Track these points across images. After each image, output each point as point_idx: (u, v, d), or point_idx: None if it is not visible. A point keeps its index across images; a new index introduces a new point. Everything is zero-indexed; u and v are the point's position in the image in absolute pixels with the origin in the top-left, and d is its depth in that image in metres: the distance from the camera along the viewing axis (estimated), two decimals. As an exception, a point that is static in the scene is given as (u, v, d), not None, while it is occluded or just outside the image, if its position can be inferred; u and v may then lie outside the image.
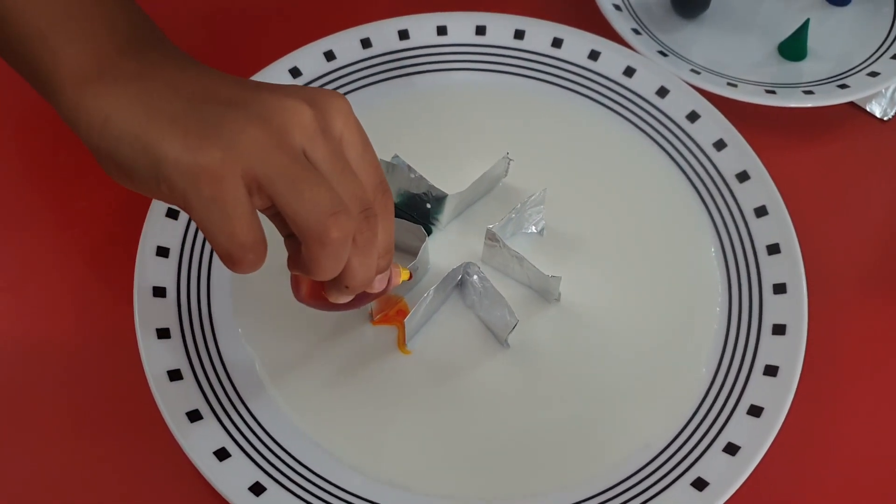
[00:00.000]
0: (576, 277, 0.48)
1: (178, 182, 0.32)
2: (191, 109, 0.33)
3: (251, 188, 0.32)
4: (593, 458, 0.44)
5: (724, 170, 0.52)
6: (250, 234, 0.33)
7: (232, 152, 0.32)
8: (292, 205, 0.32)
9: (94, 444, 0.45)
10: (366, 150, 0.36)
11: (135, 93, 0.33)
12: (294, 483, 0.42)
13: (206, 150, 0.31)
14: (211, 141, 0.32)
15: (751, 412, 0.44)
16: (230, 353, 0.46)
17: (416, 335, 0.47)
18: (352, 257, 0.35)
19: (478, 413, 0.45)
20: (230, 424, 0.44)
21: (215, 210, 0.32)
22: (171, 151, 0.32)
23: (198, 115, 0.33)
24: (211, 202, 0.32)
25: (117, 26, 0.36)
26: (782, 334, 0.46)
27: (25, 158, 0.54)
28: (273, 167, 0.32)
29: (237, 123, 0.32)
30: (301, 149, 0.33)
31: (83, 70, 0.34)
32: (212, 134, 0.32)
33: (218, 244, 0.33)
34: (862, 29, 0.61)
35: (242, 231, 0.32)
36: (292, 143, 0.33)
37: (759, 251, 0.49)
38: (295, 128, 0.33)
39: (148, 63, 0.35)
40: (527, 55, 0.56)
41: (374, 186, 0.36)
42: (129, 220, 0.50)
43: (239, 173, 0.32)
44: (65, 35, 0.35)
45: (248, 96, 0.34)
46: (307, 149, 0.33)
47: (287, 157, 0.32)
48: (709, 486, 0.42)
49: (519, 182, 0.52)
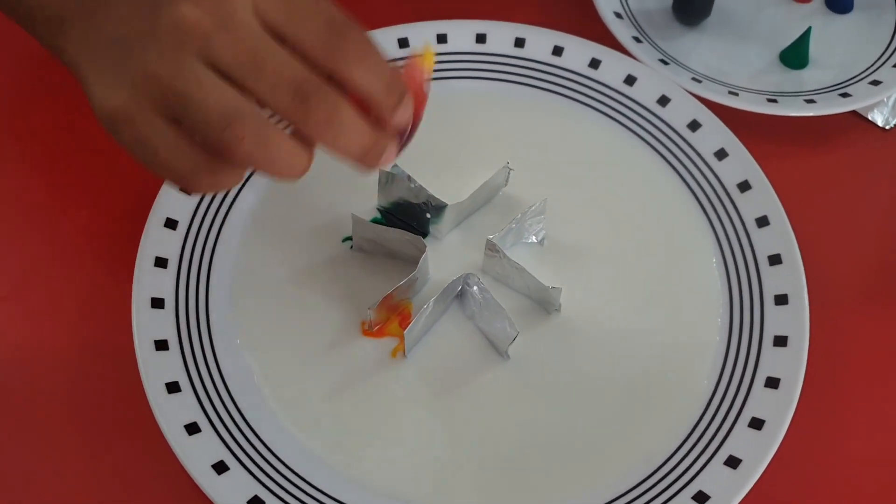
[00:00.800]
0: (576, 288, 0.48)
1: (109, 129, 0.32)
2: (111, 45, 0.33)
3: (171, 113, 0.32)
4: (593, 470, 0.44)
5: (726, 179, 0.52)
6: (183, 160, 0.32)
7: (136, 89, 0.32)
8: (199, 129, 0.32)
9: (92, 455, 0.45)
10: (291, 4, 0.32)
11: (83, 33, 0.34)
12: (293, 497, 0.42)
13: (114, 92, 0.32)
14: (120, 80, 0.32)
15: (752, 425, 0.44)
16: (228, 365, 0.46)
17: (415, 346, 0.47)
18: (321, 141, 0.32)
19: (478, 425, 0.45)
20: (228, 437, 0.43)
21: (140, 148, 0.32)
22: (95, 99, 0.32)
23: (113, 52, 0.33)
24: (134, 142, 0.32)
25: None
26: (784, 346, 0.46)
27: (26, 168, 0.54)
28: (170, 97, 0.31)
29: (137, 56, 0.32)
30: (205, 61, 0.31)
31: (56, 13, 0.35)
32: (121, 71, 0.32)
33: (164, 177, 0.33)
34: (864, 37, 0.60)
35: (172, 160, 0.32)
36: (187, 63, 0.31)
37: (761, 262, 0.49)
38: (186, 42, 0.31)
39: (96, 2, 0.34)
40: (527, 63, 0.56)
41: (322, 42, 0.32)
42: (128, 230, 0.50)
43: (148, 108, 0.32)
44: None
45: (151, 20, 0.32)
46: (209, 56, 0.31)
47: (178, 82, 0.31)
48: (710, 500, 0.42)
49: (519, 192, 0.52)
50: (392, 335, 0.47)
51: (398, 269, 0.48)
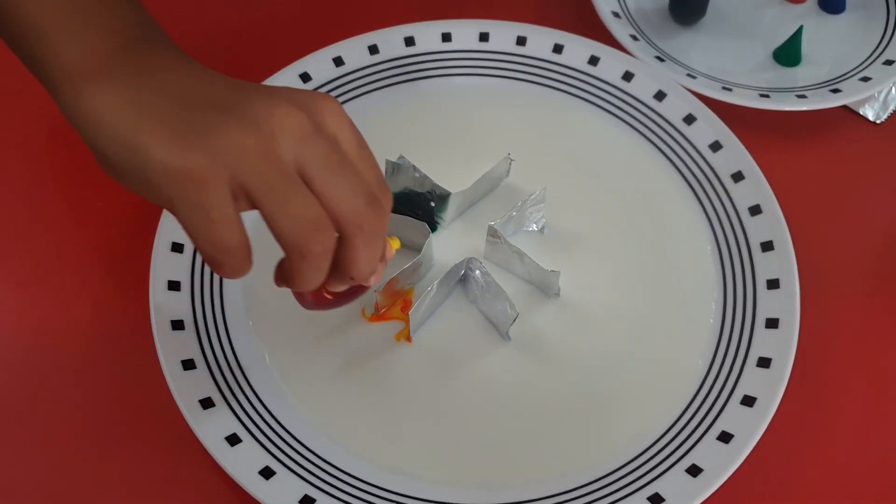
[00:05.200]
0: (575, 273, 0.50)
1: (164, 185, 0.32)
2: (181, 112, 0.33)
3: (237, 193, 0.32)
4: (591, 445, 0.46)
5: (720, 170, 0.53)
6: (232, 238, 0.33)
7: (218, 158, 0.32)
8: (275, 217, 0.33)
9: (109, 429, 0.47)
10: (362, 147, 0.36)
11: (127, 94, 0.34)
12: (302, 468, 0.44)
13: (191, 154, 0.32)
14: (198, 145, 0.32)
15: (744, 402, 0.45)
16: (241, 345, 0.48)
17: (420, 328, 0.49)
18: (359, 248, 0.35)
19: (479, 403, 0.47)
20: (241, 411, 0.45)
21: (198, 214, 0.32)
22: (157, 154, 0.32)
23: (187, 118, 0.33)
24: (194, 206, 0.32)
25: (117, 25, 0.36)
26: (775, 328, 0.48)
27: (45, 160, 0.56)
28: (258, 177, 0.32)
29: (226, 128, 0.32)
30: (292, 157, 0.33)
31: (80, 68, 0.34)
32: (199, 138, 0.32)
33: (201, 247, 0.33)
34: (855, 36, 0.62)
35: (224, 235, 0.33)
36: (281, 152, 0.33)
37: (754, 248, 0.51)
38: (285, 133, 0.33)
39: (144, 63, 0.35)
40: (528, 60, 0.58)
41: (376, 180, 0.36)
42: (145, 217, 0.52)
43: (224, 179, 0.32)
44: (65, 32, 0.35)
45: (240, 100, 0.34)
46: (299, 153, 0.33)
47: (273, 168, 0.32)
48: (703, 473, 0.43)
49: (520, 182, 0.54)
50: (396, 319, 0.49)
51: (403, 255, 0.50)
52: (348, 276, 0.36)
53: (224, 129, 0.32)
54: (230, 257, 0.33)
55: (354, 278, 0.37)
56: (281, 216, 0.33)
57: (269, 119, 0.33)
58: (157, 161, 0.32)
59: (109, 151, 0.33)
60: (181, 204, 0.32)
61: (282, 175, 0.33)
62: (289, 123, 0.33)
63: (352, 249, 0.35)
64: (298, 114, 0.33)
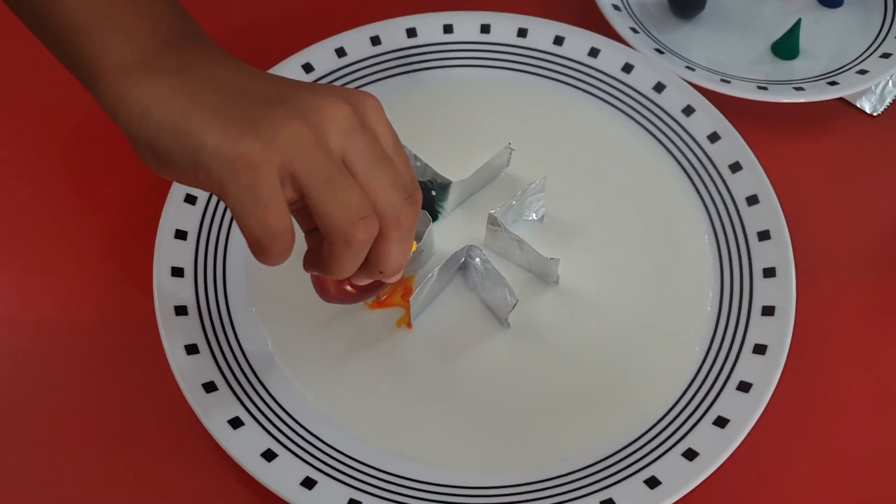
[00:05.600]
0: (575, 261, 0.51)
1: (216, 168, 0.33)
2: (231, 102, 0.34)
3: (284, 181, 0.33)
4: (589, 430, 0.46)
5: (718, 161, 0.54)
6: (281, 222, 0.34)
7: (270, 144, 0.33)
8: (325, 202, 0.34)
9: (114, 415, 0.48)
10: (398, 145, 0.38)
11: (176, 84, 0.35)
12: (304, 451, 0.45)
13: (244, 139, 0.33)
14: (250, 131, 0.33)
15: (740, 388, 0.46)
16: (244, 331, 0.48)
17: (420, 315, 0.49)
18: (393, 242, 0.36)
19: (479, 388, 0.47)
20: (244, 395, 0.46)
21: (249, 197, 0.33)
22: (210, 139, 0.33)
23: (238, 107, 0.34)
24: (246, 189, 0.33)
25: (161, 20, 0.38)
26: (771, 315, 0.48)
27: (52, 150, 0.57)
28: (310, 163, 0.33)
29: (276, 118, 0.33)
30: (339, 148, 0.34)
31: (126, 61, 0.36)
32: (251, 125, 0.33)
33: (249, 231, 0.34)
34: (853, 30, 0.63)
35: (274, 219, 0.33)
36: (329, 142, 0.34)
37: (751, 237, 0.51)
38: (333, 124, 0.34)
39: (189, 57, 0.37)
40: (529, 52, 0.59)
41: (411, 177, 0.37)
42: (149, 205, 0.53)
43: (275, 164, 0.33)
44: (110, 27, 0.36)
45: (287, 93, 0.35)
46: (346, 144, 0.34)
47: (324, 156, 0.34)
48: (699, 457, 0.44)
49: (520, 171, 0.54)
50: (396, 306, 0.50)
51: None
52: (378, 270, 0.37)
53: (275, 117, 0.33)
54: (277, 241, 0.34)
55: (383, 273, 0.37)
56: (331, 202, 0.34)
57: (317, 110, 0.34)
58: (210, 145, 0.33)
59: (157, 139, 0.34)
60: (232, 187, 0.33)
61: (331, 163, 0.34)
62: (336, 115, 0.34)
63: (387, 243, 0.36)
64: (345, 107, 0.35)
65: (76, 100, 0.57)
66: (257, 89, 0.36)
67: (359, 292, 0.42)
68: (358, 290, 0.42)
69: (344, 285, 0.41)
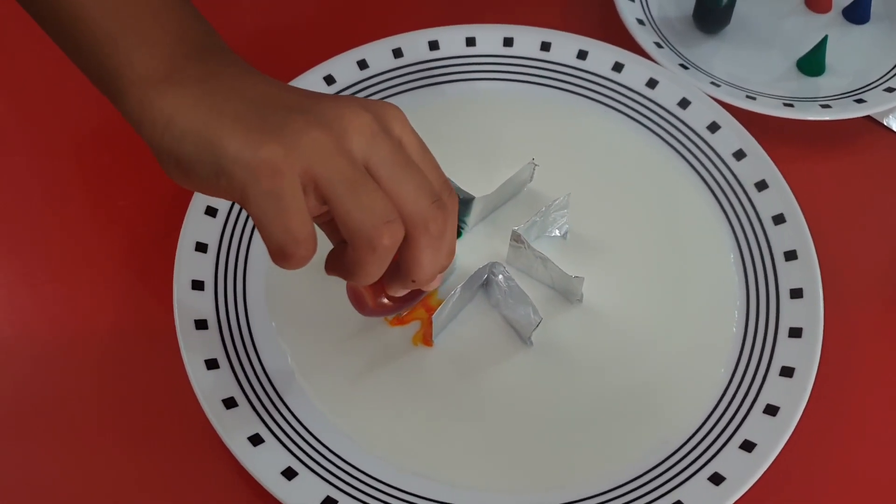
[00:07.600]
0: (599, 280, 0.50)
1: (238, 175, 0.33)
2: (253, 111, 0.34)
3: (307, 187, 0.33)
4: (613, 453, 0.46)
5: (744, 179, 0.53)
6: (303, 228, 0.34)
7: (293, 150, 0.33)
8: (348, 207, 0.34)
9: (133, 428, 0.47)
10: (425, 152, 0.38)
11: (199, 94, 0.35)
12: (324, 469, 0.44)
13: (267, 146, 0.33)
14: (272, 138, 0.33)
15: (767, 411, 0.45)
16: (264, 346, 0.48)
17: (442, 332, 0.49)
18: (423, 248, 0.36)
19: (500, 408, 0.47)
20: (263, 412, 0.45)
21: (272, 203, 0.33)
22: (232, 146, 0.33)
23: (260, 116, 0.34)
24: (268, 195, 0.33)
25: (185, 33, 0.38)
26: (798, 337, 0.47)
27: (69, 160, 0.56)
28: (333, 170, 0.33)
29: (298, 125, 0.34)
30: (362, 155, 0.34)
31: (150, 72, 0.36)
32: (273, 132, 0.33)
33: (271, 237, 0.34)
34: (879, 47, 0.62)
35: (296, 225, 0.33)
36: (352, 149, 0.34)
37: (777, 257, 0.51)
38: (355, 132, 0.34)
39: (212, 68, 0.37)
40: (552, 66, 0.58)
41: (441, 183, 0.37)
42: (169, 217, 0.52)
43: (297, 170, 0.33)
44: (135, 38, 0.37)
45: (309, 103, 0.35)
46: (369, 151, 0.34)
47: (347, 162, 0.34)
48: (725, 482, 0.43)
49: (544, 187, 0.54)
50: (418, 319, 0.49)
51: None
52: (411, 278, 0.37)
53: (297, 125, 0.34)
54: (299, 247, 0.34)
55: (416, 281, 0.37)
56: (354, 207, 0.34)
57: (339, 118, 0.34)
58: (232, 153, 0.33)
59: (180, 148, 0.34)
60: (254, 193, 0.33)
61: (354, 169, 0.34)
62: (358, 123, 0.34)
63: (417, 249, 0.36)
64: (366, 115, 0.35)
65: (94, 110, 0.57)
66: (279, 100, 0.36)
67: (396, 304, 0.41)
68: (395, 302, 0.41)
69: (381, 297, 0.40)
